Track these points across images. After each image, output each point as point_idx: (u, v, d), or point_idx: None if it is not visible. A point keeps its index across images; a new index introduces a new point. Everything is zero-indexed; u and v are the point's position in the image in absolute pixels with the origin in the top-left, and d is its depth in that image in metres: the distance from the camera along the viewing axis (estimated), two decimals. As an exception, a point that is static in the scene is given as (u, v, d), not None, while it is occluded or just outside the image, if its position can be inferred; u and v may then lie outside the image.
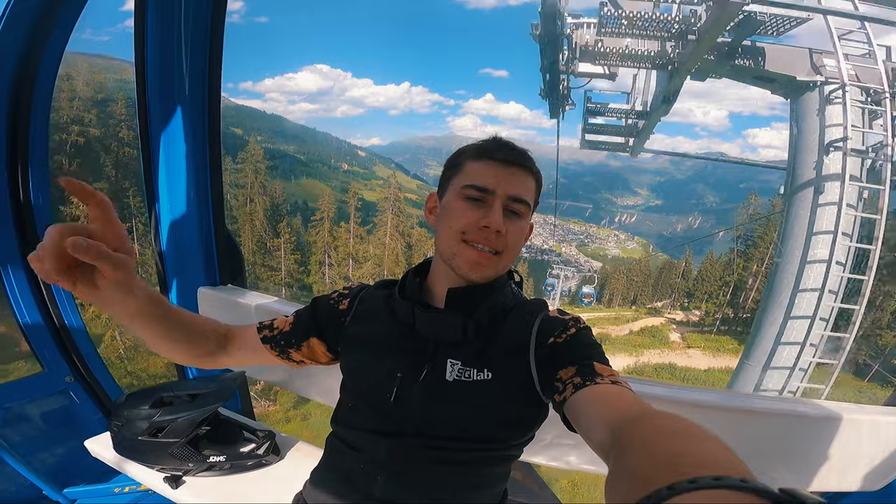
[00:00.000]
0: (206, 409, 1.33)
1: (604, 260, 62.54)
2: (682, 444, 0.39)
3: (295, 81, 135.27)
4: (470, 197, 0.78)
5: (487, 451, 0.81)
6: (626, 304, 39.79)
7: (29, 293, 1.54)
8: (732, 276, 27.83)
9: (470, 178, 0.79)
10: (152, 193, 1.67)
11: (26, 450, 1.50)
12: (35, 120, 1.48)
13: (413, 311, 0.82)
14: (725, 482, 0.28)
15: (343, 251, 30.35)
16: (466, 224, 0.77)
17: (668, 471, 0.34)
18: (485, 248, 0.77)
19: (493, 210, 0.76)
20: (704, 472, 0.31)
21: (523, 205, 0.79)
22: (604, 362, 0.72)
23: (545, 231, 72.04)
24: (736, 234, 28.60)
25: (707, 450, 0.38)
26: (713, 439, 0.40)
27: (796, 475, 1.29)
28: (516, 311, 0.83)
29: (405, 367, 0.81)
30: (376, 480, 0.80)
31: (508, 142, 0.82)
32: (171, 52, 1.51)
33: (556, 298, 30.27)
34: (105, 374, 1.72)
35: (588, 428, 0.61)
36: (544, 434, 1.24)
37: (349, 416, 0.87)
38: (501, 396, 0.78)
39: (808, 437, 1.26)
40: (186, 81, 1.56)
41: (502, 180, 0.77)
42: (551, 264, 40.69)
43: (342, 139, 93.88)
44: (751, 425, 1.26)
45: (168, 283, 1.76)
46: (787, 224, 7.31)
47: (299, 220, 33.35)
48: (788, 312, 6.92)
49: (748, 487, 0.27)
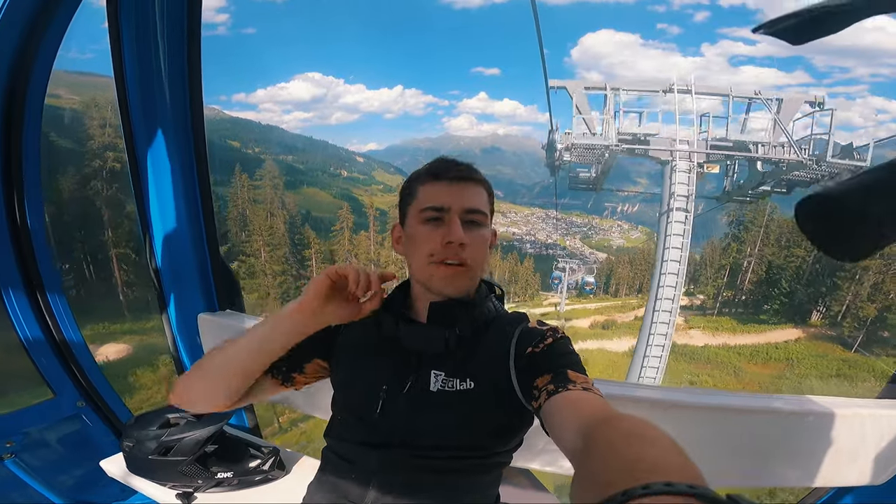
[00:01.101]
0: (210, 429, 1.37)
1: (608, 251, 62.15)
2: (638, 448, 0.42)
3: (287, 91, 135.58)
4: (429, 219, 0.83)
5: (474, 459, 0.83)
6: (632, 293, 39.80)
7: (30, 313, 1.58)
8: (728, 260, 28.62)
9: (425, 201, 0.83)
10: (145, 221, 1.70)
11: (46, 472, 1.55)
12: (27, 144, 1.50)
13: (397, 325, 0.85)
14: (675, 488, 0.31)
15: (364, 258, 32.02)
16: (432, 246, 0.81)
17: (625, 475, 0.36)
18: (453, 261, 0.81)
19: (453, 224, 0.80)
20: (658, 477, 0.33)
21: (479, 214, 0.84)
22: (578, 370, 0.75)
23: (548, 226, 71.83)
24: (729, 219, 29.45)
25: (662, 455, 0.40)
26: (671, 443, 0.43)
27: (800, 472, 1.28)
28: (497, 324, 0.87)
29: (390, 380, 0.84)
30: (369, 490, 0.82)
31: (453, 160, 0.87)
32: (150, 71, 1.52)
33: (564, 291, 30.67)
34: (113, 397, 1.76)
35: (559, 432, 0.64)
36: (536, 440, 1.23)
37: (340, 429, 0.90)
38: (484, 405, 0.81)
39: (810, 433, 1.25)
40: (168, 106, 1.58)
41: (455, 196, 0.82)
42: (556, 258, 40.97)
43: (339, 146, 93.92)
44: (752, 425, 1.26)
45: (168, 311, 1.79)
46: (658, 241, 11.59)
47: (307, 230, 34.37)
48: (652, 305, 11.33)
49: (696, 493, 0.30)
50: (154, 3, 1.44)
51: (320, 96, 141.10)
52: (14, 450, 1.47)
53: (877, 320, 21.37)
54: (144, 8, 1.44)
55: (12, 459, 1.45)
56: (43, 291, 1.57)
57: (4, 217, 1.49)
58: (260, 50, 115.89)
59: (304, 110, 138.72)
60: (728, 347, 23.53)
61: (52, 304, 1.60)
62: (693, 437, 1.16)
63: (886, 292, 21.46)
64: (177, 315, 1.79)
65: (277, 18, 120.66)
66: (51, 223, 18.72)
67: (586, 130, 10.54)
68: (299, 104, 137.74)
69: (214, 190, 1.79)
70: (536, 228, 71.91)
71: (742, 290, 28.44)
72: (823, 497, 1.44)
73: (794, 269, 25.70)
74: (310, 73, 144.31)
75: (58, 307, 1.61)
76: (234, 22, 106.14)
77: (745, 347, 23.34)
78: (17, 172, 1.50)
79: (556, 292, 32.80)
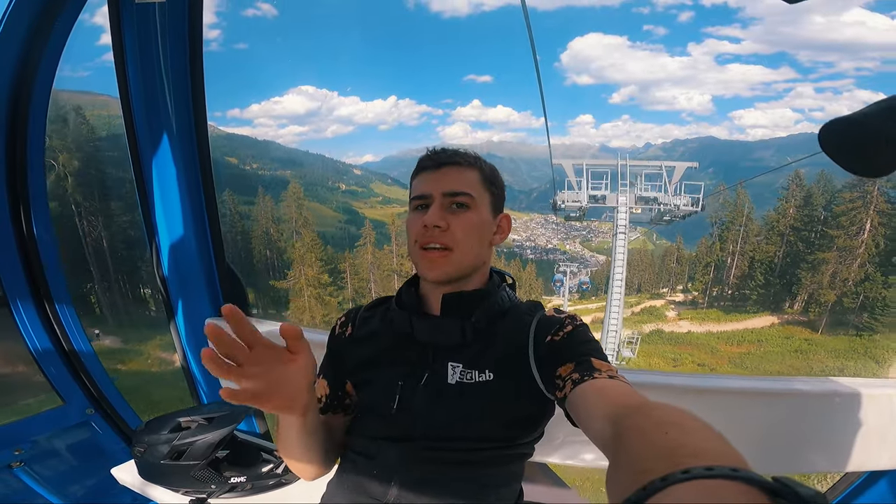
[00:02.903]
0: (221, 431, 1.36)
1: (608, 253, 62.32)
2: (676, 435, 0.40)
3: (282, 105, 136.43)
4: (417, 207, 0.85)
5: (496, 451, 0.82)
6: (631, 292, 40.87)
7: (38, 322, 1.58)
8: (713, 258, 30.80)
9: (414, 191, 0.86)
10: (151, 228, 1.71)
11: (56, 481, 1.54)
12: (32, 155, 1.52)
13: (410, 320, 0.85)
14: (717, 472, 0.29)
15: (387, 269, 33.75)
16: (416, 232, 0.83)
17: (665, 462, 0.34)
18: (435, 245, 0.81)
19: (431, 209, 0.82)
20: (700, 462, 0.31)
21: (464, 196, 0.83)
22: (601, 358, 0.74)
23: (548, 231, 71.98)
24: (711, 221, 31.85)
25: (703, 440, 0.39)
26: (708, 429, 0.41)
27: (829, 457, 1.23)
28: (512, 313, 0.86)
29: (406, 374, 0.84)
30: (391, 485, 0.81)
31: (441, 149, 0.88)
32: (154, 87, 1.55)
33: (566, 293, 31.63)
34: (122, 404, 1.75)
35: (588, 421, 0.62)
36: (556, 433, 1.23)
37: (359, 426, 0.90)
38: (504, 396, 0.80)
39: (836, 415, 1.20)
40: (173, 118, 1.60)
41: (435, 182, 0.84)
42: (557, 262, 42.24)
43: (337, 159, 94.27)
44: (775, 409, 1.22)
45: (175, 318, 1.80)
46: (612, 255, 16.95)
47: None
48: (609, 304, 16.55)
49: (739, 476, 0.28)
50: (156, 16, 1.47)
51: (315, 109, 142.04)
52: (23, 458, 1.46)
53: (836, 304, 24.46)
54: (146, 21, 1.48)
55: (21, 468, 1.43)
56: (51, 301, 1.58)
57: (11, 228, 1.49)
58: (253, 65, 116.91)
59: (300, 124, 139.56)
60: (710, 333, 27.55)
61: (59, 313, 1.60)
62: (715, 423, 1.10)
63: (844, 280, 24.46)
64: (184, 321, 1.80)
65: (269, 33, 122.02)
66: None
67: (574, 190, 17.82)
68: (294, 118, 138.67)
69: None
70: (536, 234, 72.06)
71: (728, 285, 30.93)
72: (855, 483, 1.38)
73: (767, 264, 28.57)
74: (303, 87, 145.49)
75: (66, 316, 1.61)
76: (225, 38, 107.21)
77: (724, 333, 27.20)
78: (22, 184, 1.51)
79: (559, 294, 33.73)
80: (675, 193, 17.04)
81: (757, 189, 32.98)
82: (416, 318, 0.85)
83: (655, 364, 23.96)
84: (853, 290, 23.92)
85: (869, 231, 23.78)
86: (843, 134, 0.31)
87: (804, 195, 27.73)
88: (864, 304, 23.29)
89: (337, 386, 0.92)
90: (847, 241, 24.18)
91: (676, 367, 23.52)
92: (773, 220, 29.01)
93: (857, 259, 23.98)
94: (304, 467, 0.87)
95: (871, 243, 23.64)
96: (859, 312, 23.46)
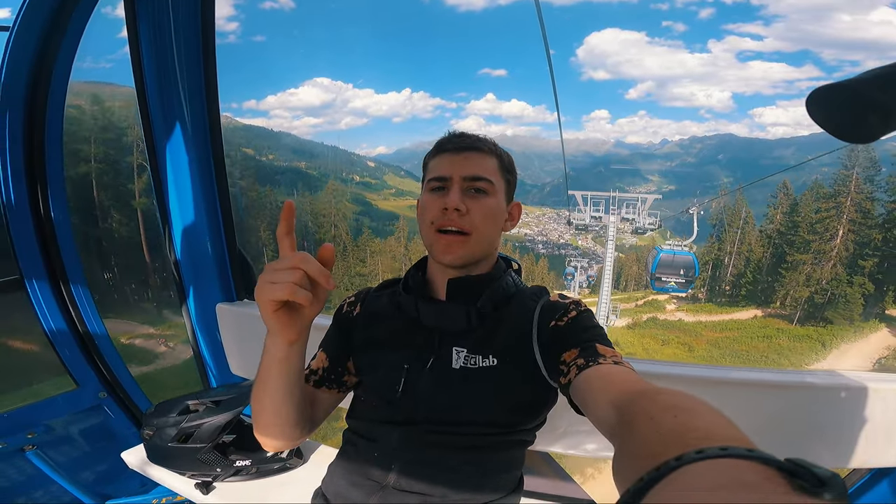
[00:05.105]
0: (227, 414, 1.38)
1: (621, 249, 61.80)
2: (687, 419, 0.39)
3: (297, 96, 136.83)
4: (434, 189, 0.83)
5: (498, 436, 0.83)
6: (640, 288, 42.94)
7: (54, 304, 1.61)
8: (711, 256, 34.45)
9: (431, 172, 0.85)
10: (165, 214, 1.73)
11: (68, 465, 1.58)
12: (50, 140, 1.55)
13: (416, 304, 0.85)
14: (732, 451, 0.28)
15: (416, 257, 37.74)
16: (433, 213, 0.82)
17: (675, 446, 0.34)
18: (452, 228, 0.80)
19: (451, 192, 0.80)
20: (711, 444, 0.30)
21: (484, 182, 0.83)
22: (606, 344, 0.73)
23: (560, 225, 71.34)
24: (710, 222, 35.60)
25: (713, 424, 0.38)
26: (717, 414, 0.40)
27: (834, 452, 1.20)
28: (518, 298, 0.86)
29: (411, 358, 0.84)
30: (391, 468, 0.82)
31: (462, 132, 0.87)
32: (168, 78, 1.57)
33: (576, 287, 32.57)
34: (135, 388, 1.79)
35: (593, 407, 0.62)
36: (558, 422, 1.22)
37: (362, 409, 0.90)
38: (507, 381, 0.80)
39: (843, 410, 1.17)
40: (186, 107, 1.61)
41: (457, 165, 0.82)
42: (569, 257, 42.94)
43: (350, 151, 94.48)
44: (782, 401, 1.19)
45: (187, 301, 1.82)
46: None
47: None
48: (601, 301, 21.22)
49: (754, 456, 0.27)
50: (169, 9, 1.49)
51: (330, 101, 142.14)
52: (36, 441, 1.49)
53: (808, 300, 28.79)
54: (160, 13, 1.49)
55: (34, 451, 1.47)
56: (67, 283, 1.61)
57: (29, 211, 1.53)
58: (269, 57, 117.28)
59: (314, 115, 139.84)
60: (699, 322, 31.89)
61: (75, 295, 1.63)
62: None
63: (817, 280, 28.68)
64: (196, 305, 1.82)
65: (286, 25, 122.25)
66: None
67: (580, 209, 22.91)
68: (309, 109, 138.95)
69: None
70: (549, 228, 71.44)
71: (725, 282, 34.70)
72: (860, 480, 1.35)
73: (755, 262, 32.85)
74: (319, 79, 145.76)
75: (81, 299, 1.64)
76: (243, 30, 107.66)
77: (711, 322, 31.49)
78: (40, 168, 1.54)
79: (569, 288, 33.90)
80: (648, 215, 23.45)
81: (771, 190, 35.38)
82: (422, 302, 0.85)
83: (646, 343, 28.51)
84: (823, 288, 28.29)
85: (841, 237, 28.18)
86: (830, 100, 0.32)
87: (790, 203, 31.71)
88: (830, 299, 27.73)
89: (337, 362, 0.92)
90: (821, 245, 28.56)
91: (664, 346, 28.11)
92: (764, 225, 33.35)
93: (830, 261, 28.37)
94: (270, 427, 0.78)
95: (841, 248, 28.18)
96: (826, 307, 27.97)
